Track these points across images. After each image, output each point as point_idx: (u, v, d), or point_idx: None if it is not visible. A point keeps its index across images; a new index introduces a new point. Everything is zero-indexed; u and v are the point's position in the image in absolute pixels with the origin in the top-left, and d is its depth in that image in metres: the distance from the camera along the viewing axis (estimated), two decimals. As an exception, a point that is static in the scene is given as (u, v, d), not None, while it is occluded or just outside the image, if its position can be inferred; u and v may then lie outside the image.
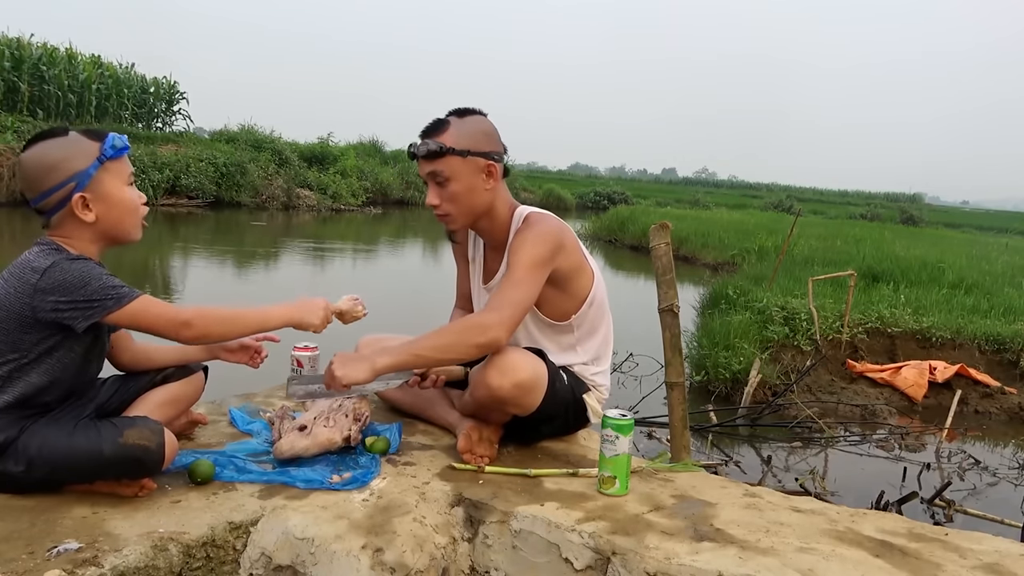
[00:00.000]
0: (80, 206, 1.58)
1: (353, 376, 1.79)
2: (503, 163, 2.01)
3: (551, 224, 2.00)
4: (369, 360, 1.80)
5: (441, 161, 1.92)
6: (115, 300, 1.54)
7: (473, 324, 1.87)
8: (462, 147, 1.91)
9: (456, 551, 1.67)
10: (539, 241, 1.94)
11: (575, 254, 2.04)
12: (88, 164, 1.58)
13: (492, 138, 1.98)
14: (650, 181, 76.94)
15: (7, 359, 1.55)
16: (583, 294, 2.07)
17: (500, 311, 1.85)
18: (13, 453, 1.53)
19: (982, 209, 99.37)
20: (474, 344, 1.83)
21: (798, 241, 11.93)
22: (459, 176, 1.93)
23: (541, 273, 1.93)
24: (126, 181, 1.65)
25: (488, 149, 1.95)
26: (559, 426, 2.12)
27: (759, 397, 5.30)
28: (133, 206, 1.66)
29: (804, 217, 19.67)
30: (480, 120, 1.99)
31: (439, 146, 1.91)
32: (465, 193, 1.95)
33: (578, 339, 2.11)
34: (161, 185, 16.95)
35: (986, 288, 8.88)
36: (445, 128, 1.94)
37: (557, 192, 33.01)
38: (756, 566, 1.43)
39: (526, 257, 1.91)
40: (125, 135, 1.68)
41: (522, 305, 1.89)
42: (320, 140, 25.88)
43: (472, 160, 1.93)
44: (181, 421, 1.94)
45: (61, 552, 1.35)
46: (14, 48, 18.66)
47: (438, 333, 1.87)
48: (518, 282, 1.89)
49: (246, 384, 2.47)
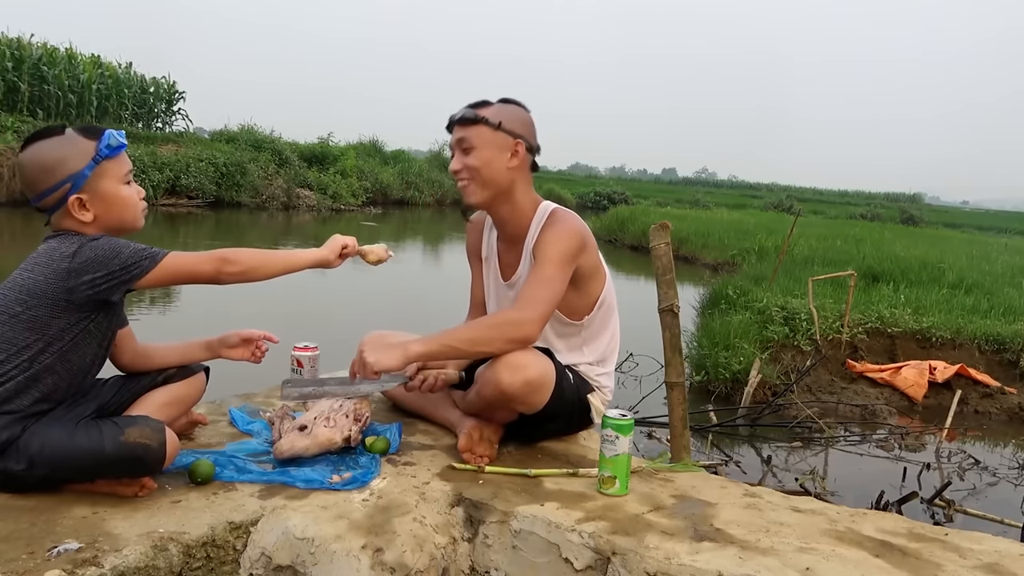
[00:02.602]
0: (77, 207, 1.60)
1: (386, 363, 1.82)
2: (533, 154, 2.04)
3: (577, 222, 2.02)
4: (402, 347, 1.83)
5: (472, 128, 1.97)
6: (150, 259, 1.58)
7: (508, 320, 1.89)
8: (496, 120, 1.96)
9: (456, 551, 1.67)
10: (567, 237, 1.96)
11: (594, 254, 2.06)
12: (83, 165, 1.59)
13: (527, 126, 2.03)
14: (650, 181, 76.91)
15: (29, 345, 1.56)
16: (596, 295, 2.08)
17: (533, 308, 1.87)
18: (14, 452, 1.53)
19: (982, 209, 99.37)
20: (509, 339, 1.85)
21: (798, 241, 11.92)
22: (484, 146, 1.97)
23: (568, 270, 1.96)
24: (123, 179, 1.65)
25: (520, 132, 1.99)
26: (563, 425, 2.12)
27: (759, 397, 5.30)
28: (131, 203, 1.67)
29: (804, 217, 19.67)
30: (521, 111, 2.04)
31: (474, 114, 1.97)
32: (486, 164, 1.97)
33: (585, 340, 2.12)
34: (161, 185, 16.94)
35: (986, 288, 8.87)
36: (486, 106, 2.00)
37: (557, 192, 32.94)
38: (756, 566, 1.43)
39: (555, 253, 1.93)
40: (123, 131, 1.68)
41: (552, 303, 1.91)
42: (320, 140, 25.88)
43: (501, 135, 1.97)
44: (181, 421, 1.94)
45: (61, 552, 1.35)
46: (14, 48, 18.66)
47: (472, 326, 1.92)
48: (549, 279, 1.91)
49: (246, 384, 2.47)
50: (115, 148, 1.62)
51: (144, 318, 6.54)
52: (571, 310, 2.07)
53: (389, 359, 1.81)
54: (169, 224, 14.91)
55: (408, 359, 1.84)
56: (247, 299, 7.00)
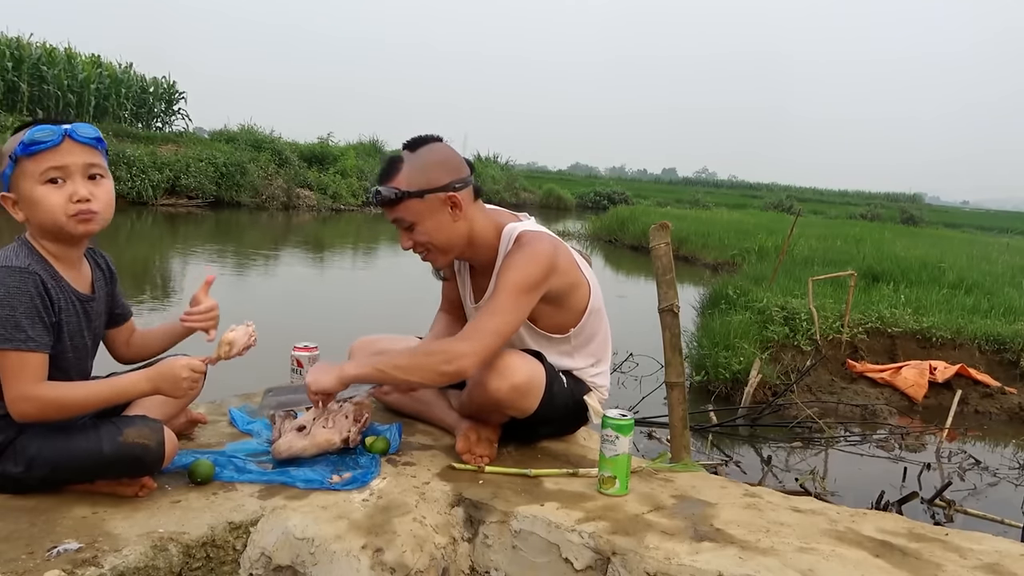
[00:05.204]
0: (10, 205, 1.55)
1: (321, 383, 1.85)
2: (469, 186, 1.92)
3: (543, 245, 1.90)
4: (337, 369, 1.86)
5: (400, 207, 1.86)
6: None
7: (442, 350, 1.85)
8: (417, 187, 1.84)
9: (456, 551, 1.67)
10: (529, 263, 1.86)
11: (570, 273, 1.97)
12: (6, 163, 1.53)
13: (449, 166, 1.89)
14: (650, 181, 76.87)
15: None
16: (581, 307, 2.03)
17: (473, 341, 1.80)
18: (12, 454, 1.53)
19: (982, 209, 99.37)
20: (439, 372, 1.80)
21: (798, 241, 11.92)
22: (423, 217, 1.87)
23: (528, 298, 1.86)
24: (39, 179, 1.51)
25: (447, 181, 1.86)
26: (556, 429, 2.12)
27: (759, 397, 5.29)
28: (46, 205, 1.52)
29: (804, 217, 19.66)
30: (434, 149, 1.90)
31: (393, 193, 1.84)
32: (435, 231, 1.88)
33: (576, 347, 2.09)
34: (161, 185, 16.94)
35: (986, 288, 8.87)
36: (398, 170, 1.87)
37: (557, 192, 32.97)
38: (756, 566, 1.43)
39: (512, 282, 1.84)
40: (70, 128, 1.53)
41: (500, 334, 1.82)
42: (320, 140, 25.87)
43: (431, 198, 1.85)
44: (181, 420, 1.94)
45: (61, 552, 1.35)
46: (14, 48, 18.67)
47: (407, 353, 1.87)
48: (499, 310, 1.82)
49: (246, 384, 2.47)
50: (32, 145, 1.49)
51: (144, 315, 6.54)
52: (556, 327, 2.03)
53: (326, 380, 1.85)
54: (169, 224, 14.91)
55: (342, 381, 1.85)
56: (247, 299, 7.01)
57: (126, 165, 16.18)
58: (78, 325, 1.62)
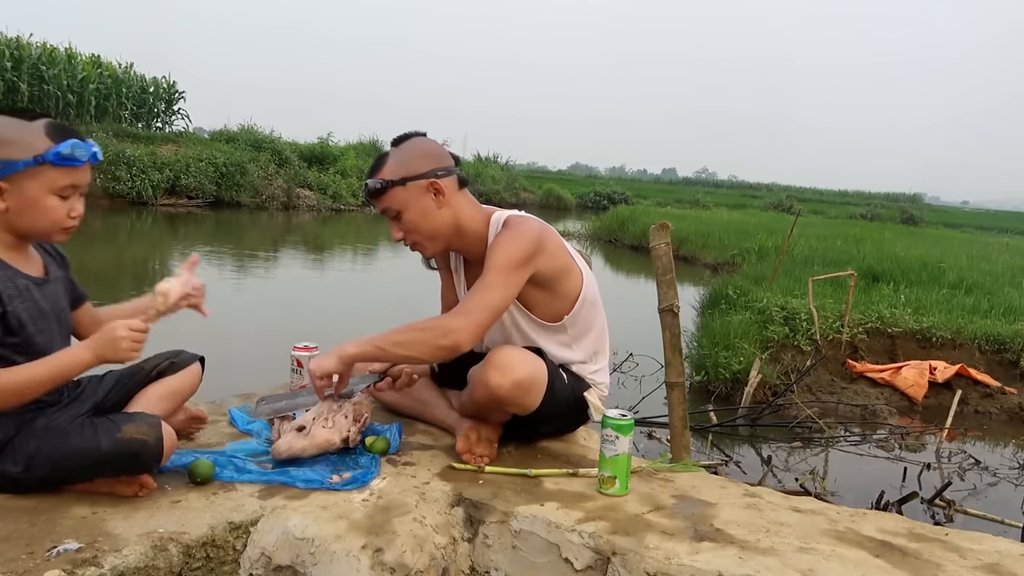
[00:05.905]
0: None
1: (324, 366, 1.85)
2: (453, 176, 1.98)
3: (530, 226, 1.97)
4: (337, 349, 1.86)
5: (386, 196, 1.94)
6: None
7: (438, 325, 1.87)
8: (399, 176, 1.92)
9: (456, 551, 1.67)
10: (515, 243, 1.91)
11: (559, 256, 2.01)
12: (23, 157, 1.50)
13: (430, 157, 1.97)
14: (650, 181, 76.85)
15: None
16: (573, 294, 2.04)
17: (467, 315, 1.84)
18: (10, 453, 1.53)
19: (982, 209, 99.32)
20: (435, 345, 1.83)
21: (798, 241, 11.92)
22: (407, 205, 1.94)
23: (517, 275, 1.90)
24: (57, 190, 1.54)
25: (427, 168, 1.94)
26: (559, 426, 2.12)
27: (759, 397, 5.30)
28: (51, 215, 1.55)
29: (804, 217, 19.67)
30: (416, 143, 2.00)
31: (378, 183, 1.94)
32: (420, 221, 1.95)
33: (572, 338, 2.09)
34: (161, 185, 16.94)
35: (986, 288, 8.87)
36: (384, 163, 1.96)
37: (557, 192, 32.97)
38: (756, 566, 1.43)
39: (500, 259, 1.89)
40: (96, 150, 1.59)
41: (492, 308, 1.86)
42: (320, 140, 25.87)
43: (413, 185, 1.93)
44: (180, 418, 1.94)
45: (61, 552, 1.35)
46: (14, 48, 18.66)
47: (404, 329, 1.88)
48: (489, 285, 1.86)
49: (246, 384, 2.47)
50: (67, 159, 1.52)
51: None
52: (550, 312, 2.04)
53: (327, 362, 1.86)
54: (169, 224, 14.91)
55: (343, 360, 1.85)
56: (247, 299, 7.01)
57: (126, 165, 16.18)
58: (36, 308, 1.59)
